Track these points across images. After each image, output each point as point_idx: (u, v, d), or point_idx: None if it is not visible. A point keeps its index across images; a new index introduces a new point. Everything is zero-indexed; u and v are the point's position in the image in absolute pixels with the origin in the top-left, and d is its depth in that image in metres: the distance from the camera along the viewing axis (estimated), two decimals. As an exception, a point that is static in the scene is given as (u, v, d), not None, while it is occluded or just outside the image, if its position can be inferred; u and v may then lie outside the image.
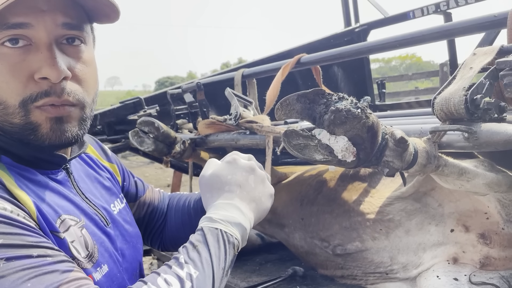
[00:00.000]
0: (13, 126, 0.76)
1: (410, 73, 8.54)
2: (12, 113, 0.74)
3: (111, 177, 1.05)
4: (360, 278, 1.48)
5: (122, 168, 1.14)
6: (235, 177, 0.90)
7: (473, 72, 0.94)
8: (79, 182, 0.91)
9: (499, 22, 1.24)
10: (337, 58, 1.65)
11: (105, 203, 0.95)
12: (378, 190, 1.47)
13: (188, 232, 1.01)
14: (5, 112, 0.75)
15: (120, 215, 0.98)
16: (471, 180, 1.00)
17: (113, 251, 0.89)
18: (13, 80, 0.72)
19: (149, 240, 1.21)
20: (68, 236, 0.78)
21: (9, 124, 0.76)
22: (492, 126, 0.85)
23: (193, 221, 1.11)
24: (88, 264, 0.80)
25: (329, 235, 1.53)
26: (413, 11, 2.44)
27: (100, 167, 1.03)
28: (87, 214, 0.86)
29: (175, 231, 1.17)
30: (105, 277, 0.83)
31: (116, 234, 0.93)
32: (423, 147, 0.93)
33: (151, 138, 1.75)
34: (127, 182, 1.15)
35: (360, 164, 0.90)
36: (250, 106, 1.67)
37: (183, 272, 0.75)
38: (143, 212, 1.17)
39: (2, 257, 0.65)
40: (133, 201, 1.15)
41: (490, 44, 1.83)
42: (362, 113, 0.85)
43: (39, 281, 0.65)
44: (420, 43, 1.46)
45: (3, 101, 0.74)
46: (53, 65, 0.73)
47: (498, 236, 1.21)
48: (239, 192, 0.88)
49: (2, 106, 0.75)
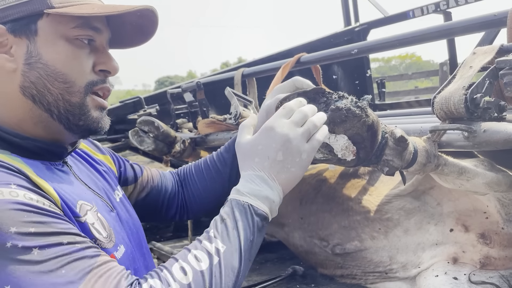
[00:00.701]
0: (70, 104, 0.87)
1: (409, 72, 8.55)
2: (74, 92, 0.86)
3: (106, 168, 1.09)
4: (360, 277, 1.48)
5: (115, 157, 1.18)
6: (266, 148, 0.87)
7: (473, 71, 0.94)
8: (79, 174, 0.96)
9: (499, 21, 1.24)
10: (337, 57, 1.65)
11: (106, 192, 1.00)
12: (376, 187, 1.47)
13: (219, 187, 1.17)
14: (67, 90, 0.86)
15: (121, 202, 1.04)
16: (471, 179, 1.00)
17: (123, 235, 0.95)
18: (86, 65, 0.88)
19: (165, 215, 1.24)
20: (88, 219, 0.84)
21: (65, 102, 0.86)
22: (492, 125, 0.86)
23: (221, 172, 1.18)
24: (109, 244, 0.86)
25: (328, 234, 1.53)
26: (413, 10, 2.44)
27: (95, 160, 1.08)
28: (95, 200, 0.92)
29: (203, 194, 1.21)
30: (123, 256, 0.89)
31: (122, 220, 0.98)
32: (423, 146, 0.93)
33: (151, 138, 1.75)
34: (123, 167, 1.18)
35: (360, 163, 0.91)
36: (250, 105, 1.67)
37: (212, 246, 0.79)
38: (145, 191, 1.21)
39: (36, 245, 0.68)
40: (133, 182, 1.20)
41: (490, 43, 1.83)
42: (362, 112, 0.85)
43: (72, 267, 0.69)
44: (420, 42, 1.46)
45: (72, 81, 0.86)
46: (113, 62, 0.93)
47: (498, 235, 1.21)
48: (267, 164, 0.87)
49: (68, 85, 0.86)
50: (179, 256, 0.79)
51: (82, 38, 0.87)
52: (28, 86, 0.84)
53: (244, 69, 1.96)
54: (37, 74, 0.84)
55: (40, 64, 0.84)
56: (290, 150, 0.86)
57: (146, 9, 0.90)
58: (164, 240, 2.58)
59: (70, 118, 0.87)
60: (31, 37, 0.84)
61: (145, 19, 0.94)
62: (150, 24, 0.96)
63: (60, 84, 0.85)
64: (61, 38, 0.85)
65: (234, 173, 1.15)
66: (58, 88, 0.85)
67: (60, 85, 0.85)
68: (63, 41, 0.85)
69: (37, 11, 0.83)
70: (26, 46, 0.84)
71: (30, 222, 0.69)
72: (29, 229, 0.68)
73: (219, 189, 1.19)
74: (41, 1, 0.83)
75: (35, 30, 0.84)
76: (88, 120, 0.89)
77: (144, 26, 0.97)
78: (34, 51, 0.84)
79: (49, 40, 0.84)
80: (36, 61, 0.84)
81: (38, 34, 0.84)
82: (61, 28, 0.85)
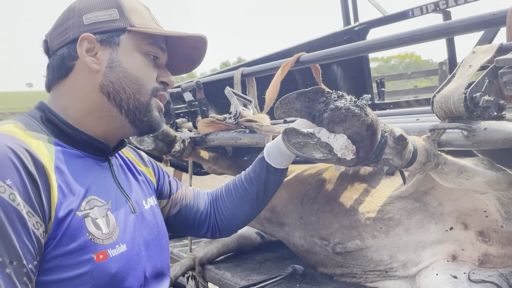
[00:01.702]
0: (139, 102, 1.03)
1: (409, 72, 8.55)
2: (143, 93, 1.03)
3: (145, 179, 1.19)
4: (360, 276, 1.48)
5: (157, 169, 1.28)
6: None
7: (473, 70, 0.94)
8: (117, 174, 1.06)
9: (498, 20, 1.24)
10: (337, 56, 1.65)
11: (137, 197, 1.08)
12: (378, 189, 1.47)
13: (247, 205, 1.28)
14: (138, 91, 1.02)
15: (151, 210, 1.11)
16: (471, 178, 1.00)
17: (135, 235, 1.00)
18: (152, 74, 1.06)
19: (196, 232, 1.32)
20: (92, 214, 0.91)
21: (135, 100, 1.02)
22: (492, 124, 0.86)
23: (248, 191, 1.27)
24: (107, 240, 0.91)
25: (329, 234, 1.53)
26: (412, 9, 2.44)
27: (137, 170, 1.18)
28: (118, 199, 1.00)
29: (233, 213, 1.30)
30: (121, 255, 0.93)
31: (144, 224, 1.05)
32: (423, 145, 0.93)
33: (151, 137, 1.75)
34: (161, 181, 1.27)
35: (360, 162, 0.91)
36: (250, 105, 1.67)
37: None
38: (177, 207, 1.28)
39: None
40: (167, 198, 1.27)
41: (489, 42, 1.83)
42: (362, 111, 0.85)
43: None
44: (419, 42, 1.46)
45: (143, 84, 1.03)
46: (171, 77, 1.11)
47: (497, 234, 1.21)
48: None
49: (140, 86, 1.02)
50: None
51: (151, 54, 1.05)
52: (107, 84, 1.00)
53: (244, 69, 1.96)
54: (116, 75, 1.00)
55: (119, 68, 1.00)
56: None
57: (200, 37, 1.09)
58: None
59: (137, 113, 1.03)
60: (114, 47, 1.01)
61: (195, 50, 1.13)
62: (198, 54, 1.14)
63: (134, 85, 1.01)
64: (137, 50, 1.03)
65: (261, 192, 1.26)
66: (131, 88, 1.01)
67: (133, 86, 1.01)
68: (138, 53, 1.03)
69: (121, 28, 1.01)
70: (109, 54, 1.00)
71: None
72: None
73: (247, 208, 1.28)
74: (125, 20, 1.02)
75: (118, 42, 1.01)
76: (151, 117, 1.05)
77: (193, 56, 1.14)
78: (116, 58, 1.01)
79: (128, 51, 1.02)
80: (116, 65, 1.00)
81: (120, 46, 1.01)
82: (138, 43, 1.03)
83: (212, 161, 2.03)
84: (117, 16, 1.02)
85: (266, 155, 1.24)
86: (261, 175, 1.24)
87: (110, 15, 1.02)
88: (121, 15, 1.02)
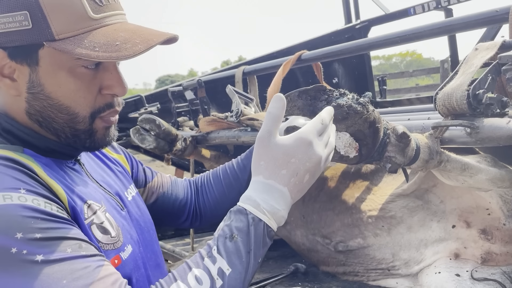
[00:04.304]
0: (76, 130, 0.85)
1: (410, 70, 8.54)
2: (79, 122, 0.84)
3: (120, 167, 1.08)
4: (362, 274, 1.48)
5: (129, 157, 1.18)
6: (298, 164, 0.80)
7: (475, 67, 0.94)
8: (91, 172, 0.95)
9: (501, 17, 1.24)
10: (338, 54, 1.65)
11: (118, 190, 0.99)
12: (380, 187, 1.47)
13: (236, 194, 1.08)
14: (73, 121, 0.84)
15: (133, 201, 1.02)
16: (474, 175, 1.00)
17: (132, 233, 0.93)
18: (89, 96, 0.83)
19: (174, 221, 1.23)
20: (97, 219, 0.83)
21: (71, 129, 0.84)
22: (495, 121, 0.85)
23: (240, 179, 1.15)
24: (117, 243, 0.85)
25: (331, 232, 1.53)
26: (413, 7, 2.43)
27: (109, 159, 1.07)
28: (105, 199, 0.91)
29: (219, 201, 1.19)
30: (130, 257, 0.87)
31: (132, 219, 0.97)
32: (425, 142, 0.93)
33: (153, 136, 1.75)
34: (135, 169, 1.17)
35: (363, 159, 0.90)
36: (251, 103, 1.67)
37: (215, 268, 0.75)
38: (154, 196, 1.19)
39: (40, 252, 0.68)
40: (142, 186, 1.18)
41: (492, 40, 1.82)
42: (364, 108, 0.85)
43: (73, 278, 0.68)
44: (421, 39, 1.46)
45: (75, 112, 0.83)
46: (122, 83, 0.86)
47: (499, 231, 1.21)
48: (293, 181, 0.81)
49: (73, 116, 0.83)
50: (178, 274, 0.76)
51: (88, 65, 0.81)
52: (34, 113, 0.83)
53: (245, 67, 1.96)
54: (41, 104, 0.82)
55: (42, 96, 0.81)
56: (317, 172, 0.83)
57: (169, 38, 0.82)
58: (166, 239, 2.58)
59: (77, 140, 0.86)
60: (32, 66, 0.80)
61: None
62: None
63: (64, 116, 0.83)
64: (63, 69, 0.80)
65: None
66: (63, 119, 0.83)
67: (64, 117, 0.83)
68: (65, 73, 0.80)
69: (36, 42, 0.77)
70: (28, 74, 0.80)
71: (36, 228, 0.69)
72: (35, 235, 0.68)
73: (235, 196, 1.15)
74: (41, 32, 0.76)
75: (36, 59, 0.79)
76: (94, 142, 0.88)
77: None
78: (36, 81, 0.80)
79: (50, 71, 0.80)
80: (38, 91, 0.81)
81: (39, 64, 0.80)
82: (63, 59, 0.79)
83: (214, 159, 2.03)
84: (29, 24, 0.75)
85: None
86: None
87: (21, 22, 0.75)
88: (35, 21, 0.75)
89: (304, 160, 0.80)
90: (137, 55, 0.78)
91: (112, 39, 0.78)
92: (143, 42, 0.79)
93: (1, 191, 0.70)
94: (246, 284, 0.77)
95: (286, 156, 0.80)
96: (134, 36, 0.80)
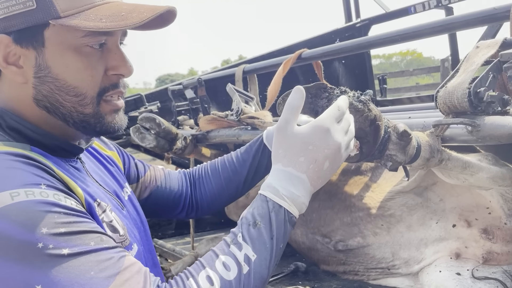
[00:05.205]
0: (84, 115, 0.85)
1: (411, 69, 8.53)
2: (87, 104, 0.84)
3: (115, 166, 1.08)
4: (362, 273, 1.48)
5: (121, 153, 1.18)
6: (316, 151, 0.80)
7: (476, 65, 0.93)
8: (91, 172, 0.95)
9: (501, 15, 1.23)
10: (338, 53, 1.65)
11: (116, 190, 0.99)
12: (379, 184, 1.47)
13: (233, 188, 1.15)
14: (81, 103, 0.84)
15: (130, 200, 1.03)
16: (475, 174, 1.00)
17: (135, 232, 0.94)
18: (97, 74, 0.84)
19: (169, 213, 1.23)
20: (106, 217, 0.84)
21: (79, 113, 0.85)
22: (496, 119, 0.85)
23: (238, 173, 1.15)
24: (125, 242, 0.85)
25: (330, 231, 1.52)
26: (414, 6, 2.43)
27: (104, 157, 1.07)
28: (107, 199, 0.91)
29: (216, 193, 1.19)
30: (137, 256, 0.89)
31: (130, 218, 0.97)
32: (426, 140, 0.93)
33: (153, 135, 1.74)
34: (127, 165, 1.17)
35: (363, 158, 0.90)
36: (252, 101, 1.67)
37: (241, 254, 0.76)
38: (147, 191, 1.19)
39: (66, 246, 0.68)
40: (135, 182, 1.18)
41: (492, 38, 1.82)
42: (365, 106, 0.85)
43: (100, 269, 0.69)
44: (421, 37, 1.45)
45: (83, 93, 0.83)
46: (126, 63, 0.87)
47: (500, 231, 1.20)
48: (312, 168, 0.81)
49: (81, 98, 0.83)
50: (206, 261, 0.77)
51: (93, 44, 0.82)
52: (41, 99, 0.83)
53: (245, 66, 1.96)
54: (48, 88, 0.82)
55: (50, 78, 0.81)
56: (337, 159, 0.83)
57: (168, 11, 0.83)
58: (166, 238, 2.58)
59: (86, 126, 0.87)
60: (38, 48, 0.80)
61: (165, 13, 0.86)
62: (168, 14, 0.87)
63: (72, 97, 0.83)
64: (69, 48, 0.80)
65: (251, 175, 1.15)
66: (70, 101, 0.83)
67: (72, 99, 0.83)
68: (72, 52, 0.81)
69: (41, 22, 0.78)
70: (34, 58, 0.80)
71: (60, 223, 0.69)
72: (60, 229, 0.69)
73: (233, 190, 1.18)
74: (46, 10, 0.77)
75: (42, 41, 0.79)
76: (104, 126, 0.88)
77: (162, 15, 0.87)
78: (43, 64, 0.80)
79: (57, 51, 0.80)
80: (45, 74, 0.81)
81: (46, 46, 0.80)
82: (69, 38, 0.80)
83: (214, 158, 2.02)
84: (33, 4, 0.77)
85: (266, 137, 1.13)
86: (255, 157, 1.14)
87: (25, 3, 0.77)
88: (39, 1, 0.77)
89: (323, 147, 0.81)
90: (145, 21, 0.78)
91: (117, 10, 0.80)
92: (149, 11, 0.80)
93: (22, 187, 0.70)
94: (271, 269, 0.78)
95: (304, 144, 0.81)
96: (138, 7, 0.82)
